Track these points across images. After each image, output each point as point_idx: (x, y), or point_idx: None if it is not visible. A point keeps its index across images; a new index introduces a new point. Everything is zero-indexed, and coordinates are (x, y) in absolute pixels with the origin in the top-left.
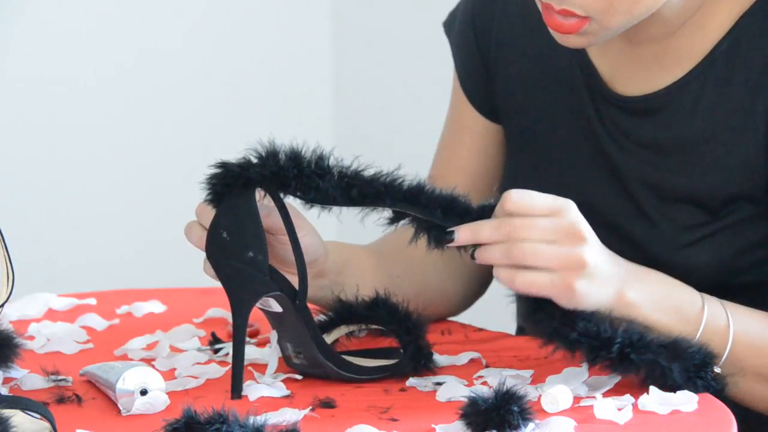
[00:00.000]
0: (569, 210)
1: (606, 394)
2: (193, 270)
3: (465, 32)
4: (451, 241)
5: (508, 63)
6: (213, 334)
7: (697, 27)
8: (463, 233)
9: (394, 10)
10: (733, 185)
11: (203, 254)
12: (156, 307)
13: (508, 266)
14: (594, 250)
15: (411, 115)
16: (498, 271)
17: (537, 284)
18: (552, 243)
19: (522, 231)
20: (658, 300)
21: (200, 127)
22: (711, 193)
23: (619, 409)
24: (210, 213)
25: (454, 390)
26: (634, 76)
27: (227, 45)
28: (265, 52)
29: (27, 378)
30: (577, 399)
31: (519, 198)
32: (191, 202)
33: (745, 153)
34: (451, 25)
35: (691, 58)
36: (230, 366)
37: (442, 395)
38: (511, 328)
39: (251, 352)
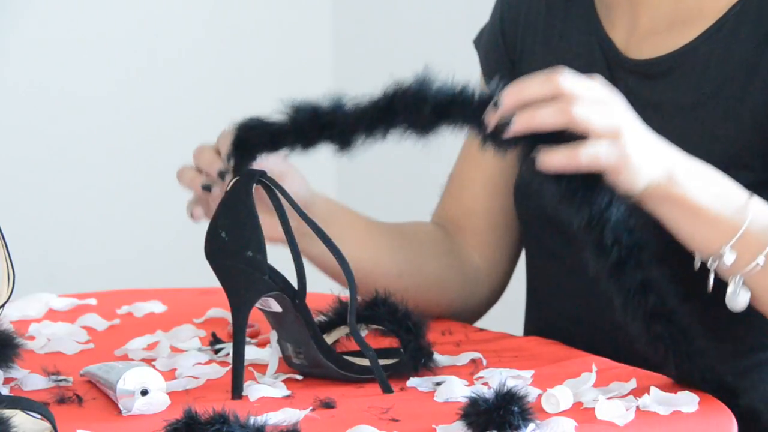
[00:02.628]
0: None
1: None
2: (193, 270)
3: (494, 35)
4: (497, 105)
5: (532, 54)
6: (213, 335)
7: None
8: (509, 98)
9: (395, 10)
10: (743, 137)
11: (203, 254)
12: (156, 307)
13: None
14: (631, 118)
15: None
16: (556, 155)
17: (599, 156)
18: (601, 103)
19: (573, 87)
20: (709, 182)
21: (200, 128)
22: (722, 147)
23: (627, 410)
24: (209, 156)
25: (452, 390)
26: (646, 40)
27: (227, 47)
28: (265, 53)
29: (27, 378)
30: (580, 401)
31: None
32: None
33: (753, 104)
34: (479, 39)
35: (702, 19)
36: (231, 366)
37: (440, 395)
38: (512, 328)
39: (251, 352)
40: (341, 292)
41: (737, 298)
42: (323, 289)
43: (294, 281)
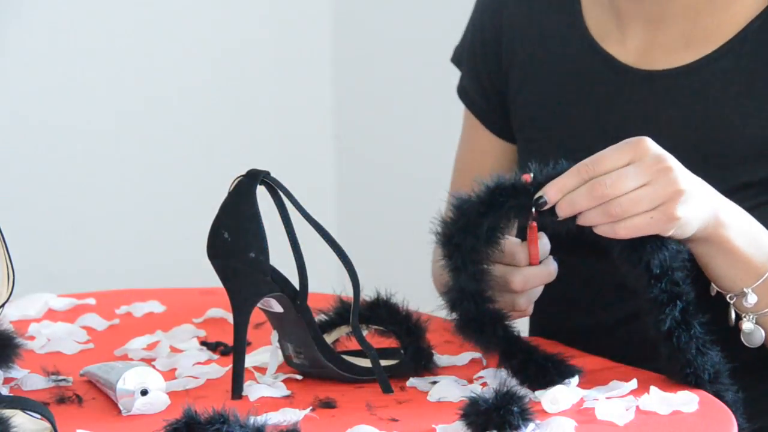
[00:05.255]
0: (646, 146)
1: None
2: (193, 270)
3: (475, 46)
4: (545, 204)
5: (524, 60)
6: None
7: (724, 6)
8: (553, 195)
9: (395, 10)
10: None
11: (203, 255)
12: (156, 307)
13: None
14: (684, 175)
15: (411, 115)
16: (598, 228)
17: (640, 227)
18: (645, 186)
19: (615, 188)
20: (745, 227)
21: (200, 128)
22: (729, 149)
23: (627, 410)
24: None
25: (446, 390)
26: (662, 56)
27: (228, 47)
28: (265, 53)
29: (27, 378)
30: (580, 401)
31: (599, 158)
32: (190, 203)
33: None
34: (458, 57)
35: (719, 37)
36: (231, 366)
37: (433, 395)
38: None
39: (251, 352)
40: (343, 292)
41: (753, 336)
42: (325, 289)
43: (296, 282)
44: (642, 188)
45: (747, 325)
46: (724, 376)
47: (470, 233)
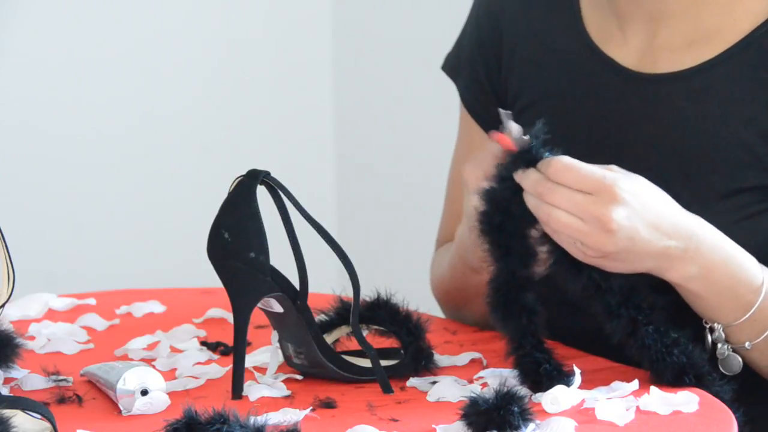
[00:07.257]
0: (609, 198)
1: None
2: (193, 270)
3: (472, 58)
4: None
5: (525, 80)
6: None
7: (728, 8)
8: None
9: (395, 13)
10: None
11: (203, 255)
12: (156, 307)
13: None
14: (623, 236)
15: (411, 116)
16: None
17: (562, 233)
18: (578, 219)
19: (552, 198)
20: (716, 275)
21: (200, 129)
22: (739, 152)
23: (627, 410)
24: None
25: (446, 390)
26: (663, 56)
27: (227, 47)
28: (266, 56)
29: (27, 378)
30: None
31: (563, 168)
32: (190, 203)
33: None
34: (453, 65)
35: (722, 40)
36: (231, 366)
37: (433, 395)
38: None
39: (251, 352)
40: (343, 292)
41: (728, 362)
42: (325, 289)
43: (296, 282)
44: (574, 218)
45: (720, 349)
46: (697, 369)
47: (509, 212)
